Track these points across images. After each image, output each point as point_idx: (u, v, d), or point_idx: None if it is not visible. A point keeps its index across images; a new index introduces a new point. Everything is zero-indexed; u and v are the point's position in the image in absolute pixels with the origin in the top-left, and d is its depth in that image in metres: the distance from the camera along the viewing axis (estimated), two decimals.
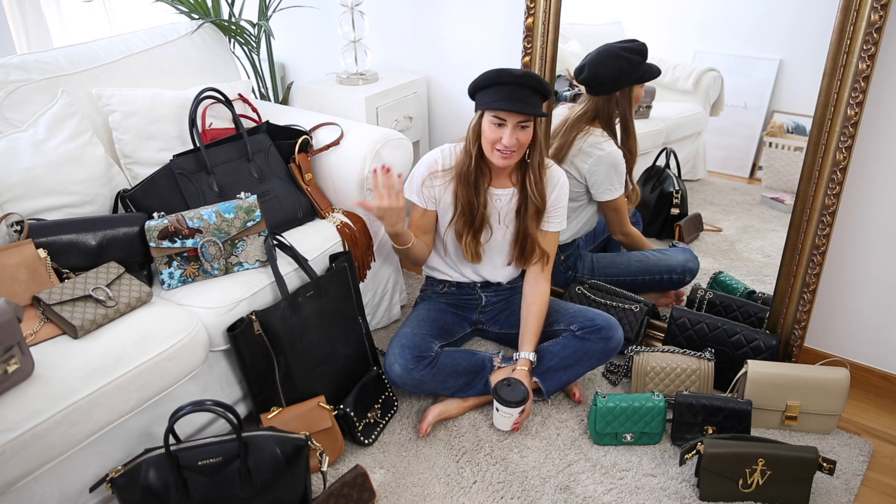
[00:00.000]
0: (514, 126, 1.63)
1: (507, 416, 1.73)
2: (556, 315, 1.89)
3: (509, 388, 1.72)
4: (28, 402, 1.27)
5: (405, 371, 1.76)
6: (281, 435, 1.45)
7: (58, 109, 1.75)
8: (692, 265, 2.10)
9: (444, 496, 1.62)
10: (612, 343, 1.79)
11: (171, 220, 1.62)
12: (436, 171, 1.80)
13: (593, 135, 2.01)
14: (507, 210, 1.83)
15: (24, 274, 1.48)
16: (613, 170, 2.00)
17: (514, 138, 1.64)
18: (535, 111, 1.62)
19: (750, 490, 1.55)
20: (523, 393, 1.71)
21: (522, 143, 1.67)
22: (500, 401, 1.71)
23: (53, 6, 3.07)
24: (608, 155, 1.99)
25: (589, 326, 1.80)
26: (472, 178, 1.75)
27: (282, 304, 1.64)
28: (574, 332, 1.81)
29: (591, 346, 1.79)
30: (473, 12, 2.30)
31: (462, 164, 1.76)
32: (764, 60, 1.99)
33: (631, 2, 2.16)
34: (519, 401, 1.70)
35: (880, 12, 1.48)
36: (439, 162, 1.81)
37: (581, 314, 1.84)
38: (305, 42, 2.84)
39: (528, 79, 1.61)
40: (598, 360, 1.82)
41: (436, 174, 1.80)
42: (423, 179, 1.81)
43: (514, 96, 1.61)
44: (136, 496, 1.37)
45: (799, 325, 1.84)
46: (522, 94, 1.62)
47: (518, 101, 1.61)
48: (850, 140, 1.59)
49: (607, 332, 1.79)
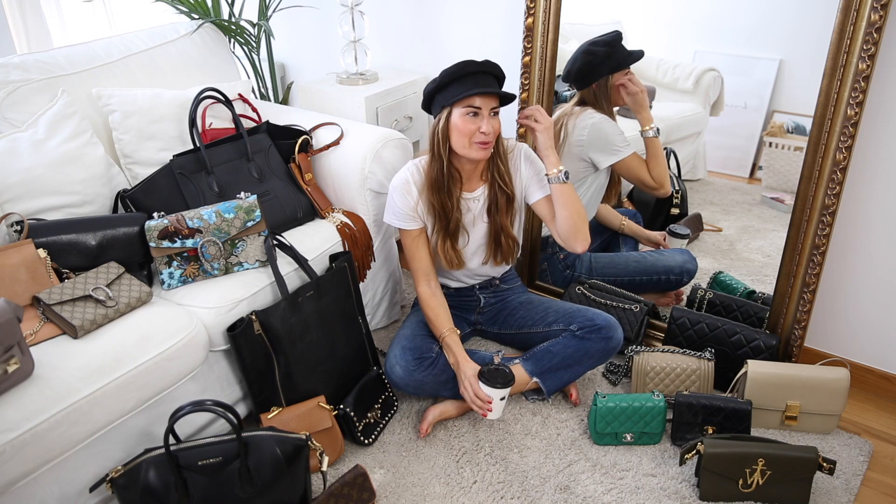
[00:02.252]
0: (489, 114, 1.64)
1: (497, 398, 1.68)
2: (555, 315, 1.89)
3: (495, 371, 1.68)
4: (28, 402, 1.27)
5: (406, 373, 1.76)
6: (281, 435, 1.45)
7: (58, 109, 1.75)
8: (690, 266, 2.10)
9: (444, 496, 1.62)
10: (612, 343, 1.79)
11: (171, 220, 1.62)
12: (411, 189, 1.79)
13: (585, 111, 2.07)
14: (481, 211, 1.84)
15: (24, 274, 1.48)
16: (610, 132, 2.04)
17: (490, 125, 1.64)
18: (509, 94, 1.64)
19: (750, 490, 1.55)
20: (507, 373, 1.68)
21: (497, 131, 1.68)
22: (486, 383, 1.66)
23: (53, 6, 3.07)
24: (598, 121, 2.04)
25: (589, 326, 1.80)
26: (443, 183, 1.75)
27: (282, 304, 1.64)
28: (574, 331, 1.81)
29: (592, 345, 1.79)
30: (473, 12, 2.30)
31: (431, 171, 1.76)
32: (764, 60, 1.99)
33: (631, 2, 2.16)
34: (504, 382, 1.66)
35: (880, 12, 1.48)
36: (410, 181, 1.79)
37: (580, 314, 1.84)
38: (305, 42, 2.84)
39: (490, 66, 1.65)
40: (598, 359, 1.81)
41: (411, 192, 1.79)
42: (403, 202, 1.79)
43: (483, 83, 1.63)
44: (136, 496, 1.37)
45: (799, 325, 1.84)
46: (489, 81, 1.65)
47: (486, 84, 1.63)
48: (850, 140, 1.59)
49: (607, 331, 1.79)
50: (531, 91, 2.06)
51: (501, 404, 1.70)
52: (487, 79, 1.64)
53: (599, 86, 2.03)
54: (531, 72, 2.03)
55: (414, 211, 1.80)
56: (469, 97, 1.62)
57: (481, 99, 1.63)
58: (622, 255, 2.20)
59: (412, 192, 1.79)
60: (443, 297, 1.86)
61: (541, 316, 1.91)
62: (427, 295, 1.84)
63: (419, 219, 1.82)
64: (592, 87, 2.04)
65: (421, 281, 1.86)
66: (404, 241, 1.87)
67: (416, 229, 1.83)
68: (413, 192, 1.79)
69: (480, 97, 1.63)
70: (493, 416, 1.71)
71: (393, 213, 1.83)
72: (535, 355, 1.84)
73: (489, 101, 1.64)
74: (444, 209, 1.78)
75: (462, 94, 1.62)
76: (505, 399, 1.70)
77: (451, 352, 1.75)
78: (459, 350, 1.75)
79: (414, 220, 1.81)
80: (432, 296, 1.84)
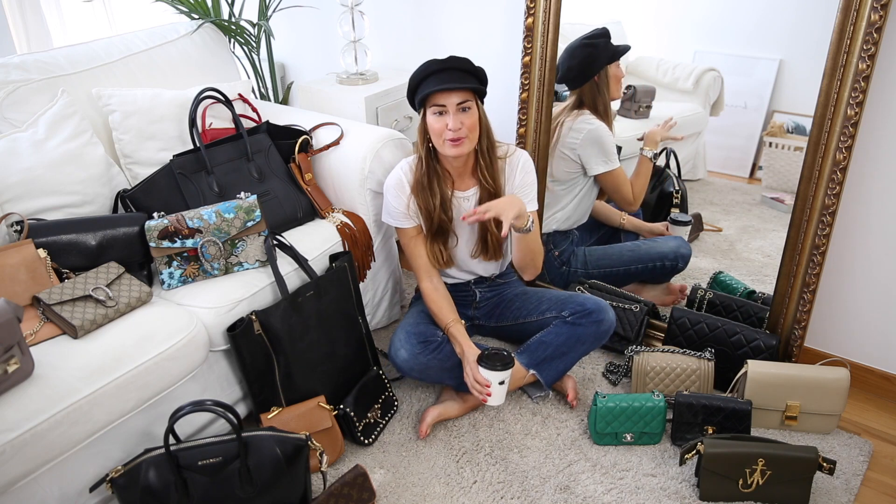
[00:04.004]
0: (456, 110, 1.64)
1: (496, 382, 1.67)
2: (546, 303, 1.89)
3: (494, 354, 1.68)
4: (28, 402, 1.27)
5: (411, 355, 1.76)
6: (281, 435, 1.45)
7: (58, 109, 1.75)
8: (684, 251, 2.11)
9: (444, 496, 1.62)
10: (603, 326, 1.80)
11: (171, 220, 1.62)
12: (403, 188, 1.81)
13: (582, 114, 2.08)
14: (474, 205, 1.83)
15: (24, 274, 1.48)
16: (604, 141, 2.07)
17: (458, 121, 1.64)
18: (466, 84, 1.63)
19: (750, 490, 1.55)
20: (505, 356, 1.68)
21: (469, 126, 1.66)
22: (484, 366, 1.66)
23: (53, 6, 3.07)
24: (596, 129, 2.06)
25: (580, 311, 1.80)
26: (426, 181, 1.76)
27: (282, 304, 1.64)
28: (565, 318, 1.82)
29: (583, 330, 1.80)
30: (473, 12, 2.30)
31: (418, 171, 1.78)
32: (764, 60, 1.99)
33: (631, 2, 2.16)
34: (503, 364, 1.66)
35: (880, 12, 1.48)
36: (403, 179, 1.81)
37: (571, 300, 1.85)
38: (305, 42, 2.84)
39: (455, 61, 1.64)
40: (590, 344, 1.82)
41: (404, 191, 1.81)
42: (397, 202, 1.81)
43: (446, 80, 1.63)
44: (136, 496, 1.37)
45: (799, 325, 1.84)
46: (453, 77, 1.64)
47: (449, 80, 1.63)
48: (850, 140, 1.59)
49: (598, 315, 1.79)
50: (531, 91, 2.05)
51: (501, 389, 1.69)
52: (451, 75, 1.64)
53: (600, 78, 2.04)
54: (531, 72, 2.03)
55: (407, 209, 1.81)
56: (430, 95, 1.64)
57: (443, 96, 1.63)
58: (615, 247, 2.21)
59: (405, 190, 1.81)
60: (446, 291, 1.87)
61: (535, 305, 1.92)
62: (430, 290, 1.85)
63: (413, 217, 1.83)
64: (593, 81, 2.04)
65: (423, 278, 1.87)
66: (402, 240, 1.88)
67: (413, 227, 1.84)
68: (406, 190, 1.81)
69: (441, 94, 1.63)
70: (494, 401, 1.70)
71: (388, 213, 1.86)
72: (528, 348, 1.85)
73: (453, 96, 1.63)
74: (427, 209, 1.79)
75: (422, 94, 1.65)
76: (505, 384, 1.69)
77: (457, 341, 1.76)
78: (465, 338, 1.76)
79: (409, 218, 1.83)
80: (435, 290, 1.85)
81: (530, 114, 2.08)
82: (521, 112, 2.09)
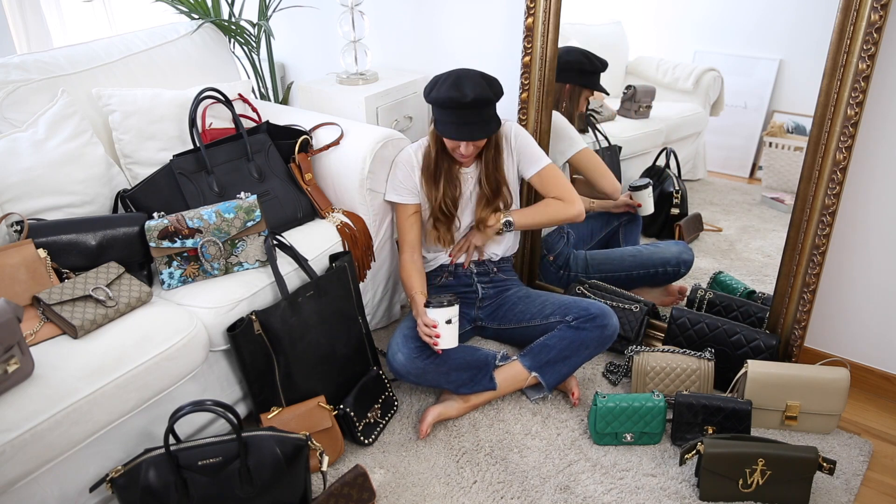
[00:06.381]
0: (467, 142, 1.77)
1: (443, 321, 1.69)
2: (550, 307, 1.90)
3: (439, 296, 1.72)
4: (28, 402, 1.27)
5: (409, 360, 1.76)
6: (281, 435, 1.45)
7: (58, 109, 1.75)
8: (686, 256, 2.11)
9: (444, 496, 1.62)
10: (607, 331, 1.80)
11: (171, 220, 1.62)
12: (413, 164, 1.92)
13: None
14: (473, 186, 1.93)
15: (24, 274, 1.48)
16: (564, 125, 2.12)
17: (470, 148, 1.79)
18: (482, 135, 1.76)
19: (750, 490, 1.55)
20: (450, 297, 1.71)
21: (479, 146, 1.83)
22: (434, 305, 1.69)
23: (53, 6, 3.07)
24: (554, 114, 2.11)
25: (584, 316, 1.82)
26: (432, 170, 1.88)
27: (282, 304, 1.64)
28: (569, 322, 1.83)
29: (587, 335, 1.80)
30: (473, 12, 2.30)
31: (427, 157, 1.90)
32: (764, 60, 1.99)
33: (631, 2, 2.16)
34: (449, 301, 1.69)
35: (880, 12, 1.48)
36: (413, 157, 1.92)
37: (575, 304, 1.86)
38: (305, 42, 2.84)
39: (478, 103, 1.70)
40: (594, 349, 1.82)
41: (414, 167, 1.92)
42: (404, 175, 1.91)
43: (464, 120, 1.71)
44: (136, 496, 1.37)
45: (799, 325, 1.84)
46: (472, 117, 1.72)
47: (468, 124, 1.73)
48: (850, 140, 1.59)
49: (602, 320, 1.80)
50: (531, 91, 2.06)
51: (449, 329, 1.70)
52: (472, 124, 1.73)
53: (573, 90, 2.11)
54: (531, 72, 2.03)
55: (415, 185, 1.91)
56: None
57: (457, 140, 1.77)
58: (617, 251, 2.21)
59: (415, 169, 1.92)
60: (422, 267, 1.96)
61: (538, 309, 1.93)
62: (407, 262, 1.94)
63: (417, 195, 1.92)
64: (566, 88, 2.11)
65: (406, 250, 1.95)
66: (399, 217, 1.95)
67: (413, 205, 1.93)
68: (416, 166, 1.92)
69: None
70: (444, 344, 1.70)
71: (394, 188, 1.94)
72: (532, 350, 1.85)
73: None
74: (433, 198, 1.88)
75: (440, 130, 1.78)
76: (452, 324, 1.70)
77: (414, 304, 1.83)
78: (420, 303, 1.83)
79: (412, 194, 1.92)
80: (412, 263, 1.94)
81: (530, 114, 2.08)
82: (521, 112, 2.09)
